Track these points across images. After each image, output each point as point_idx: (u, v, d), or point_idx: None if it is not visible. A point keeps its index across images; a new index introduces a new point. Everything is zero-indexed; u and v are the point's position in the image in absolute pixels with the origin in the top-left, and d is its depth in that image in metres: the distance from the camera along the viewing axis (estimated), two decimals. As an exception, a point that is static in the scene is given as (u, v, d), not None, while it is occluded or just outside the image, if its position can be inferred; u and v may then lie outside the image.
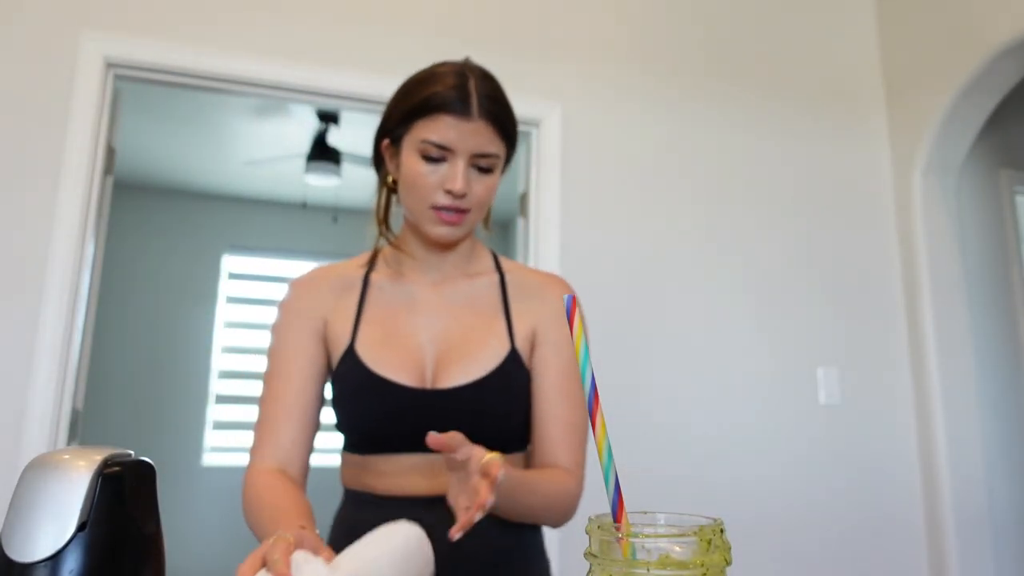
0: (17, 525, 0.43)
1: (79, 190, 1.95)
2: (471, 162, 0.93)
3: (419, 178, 0.93)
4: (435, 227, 0.95)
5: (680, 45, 2.60)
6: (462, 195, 0.92)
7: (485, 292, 1.01)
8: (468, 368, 0.93)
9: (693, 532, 0.36)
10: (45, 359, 1.86)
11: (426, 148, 0.92)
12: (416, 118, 0.92)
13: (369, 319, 0.98)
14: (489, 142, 0.93)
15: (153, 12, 2.11)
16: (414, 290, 1.01)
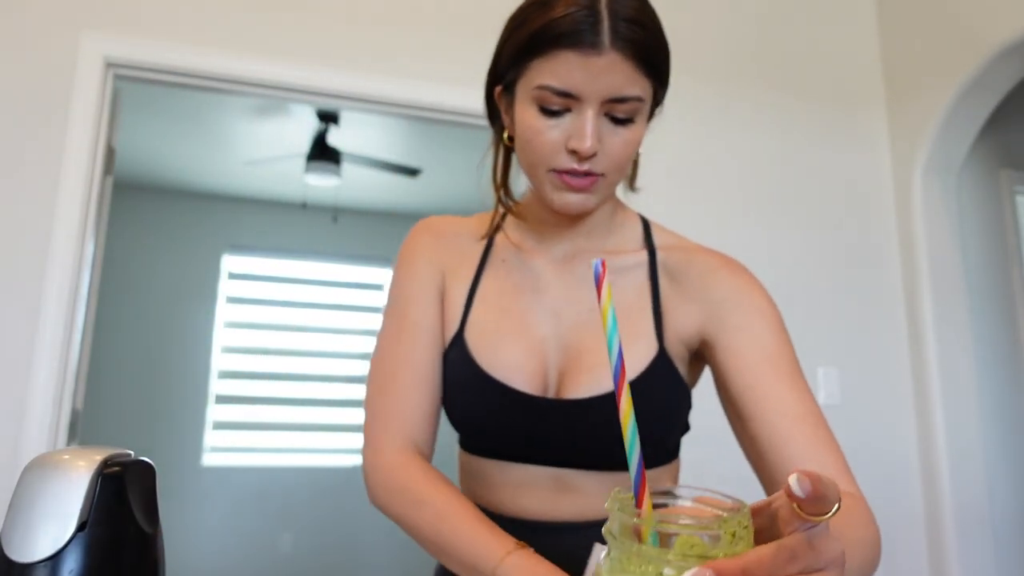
0: (17, 525, 0.43)
1: (79, 190, 1.95)
2: (603, 110, 0.70)
3: (536, 135, 0.71)
4: (559, 195, 0.74)
5: (680, 46, 2.59)
6: (591, 155, 0.71)
7: (629, 276, 0.80)
8: (602, 375, 0.73)
9: (717, 525, 0.35)
10: (45, 359, 1.86)
11: (544, 96, 0.70)
12: (530, 57, 0.70)
13: (484, 296, 0.81)
14: (628, 82, 0.69)
15: (153, 12, 2.11)
16: (540, 266, 0.82)
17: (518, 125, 0.75)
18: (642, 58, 0.69)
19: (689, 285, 0.79)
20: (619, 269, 0.81)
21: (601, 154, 0.71)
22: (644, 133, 0.76)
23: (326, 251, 5.09)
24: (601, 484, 0.76)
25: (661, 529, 0.36)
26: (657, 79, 0.74)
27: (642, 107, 0.73)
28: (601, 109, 0.70)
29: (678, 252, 0.82)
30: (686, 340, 0.78)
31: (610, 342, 0.41)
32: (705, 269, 0.79)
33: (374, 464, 0.77)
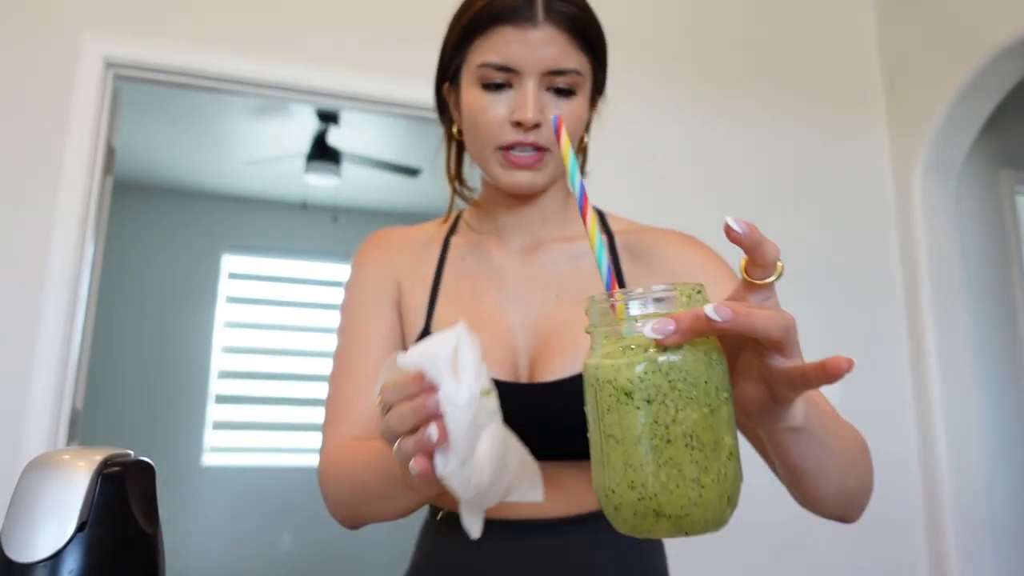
0: (17, 525, 0.43)
1: (79, 190, 1.95)
2: (544, 84, 0.73)
3: (481, 113, 0.73)
4: (507, 174, 0.75)
5: (679, 46, 2.60)
6: (534, 125, 0.72)
7: (589, 260, 0.80)
8: (574, 357, 0.73)
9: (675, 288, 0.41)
10: (45, 359, 1.86)
11: (485, 74, 0.73)
12: (470, 40, 0.74)
13: (448, 293, 0.80)
14: (564, 54, 0.73)
15: (153, 12, 2.11)
16: (501, 260, 0.82)
17: (464, 108, 0.76)
18: (576, 31, 0.74)
19: (651, 261, 0.81)
20: (580, 255, 0.82)
21: (545, 127, 0.73)
22: (587, 112, 0.78)
23: (326, 251, 5.09)
24: (580, 477, 0.74)
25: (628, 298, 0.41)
26: (593, 55, 0.78)
27: (581, 81, 0.76)
28: (542, 82, 0.73)
29: (635, 234, 0.85)
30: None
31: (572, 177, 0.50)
32: (664, 244, 0.82)
33: (323, 462, 0.75)
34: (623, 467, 0.39)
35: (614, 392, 0.40)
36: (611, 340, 0.41)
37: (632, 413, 0.39)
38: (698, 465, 0.39)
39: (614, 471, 0.40)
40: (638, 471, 0.39)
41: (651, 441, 0.39)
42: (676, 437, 0.39)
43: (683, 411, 0.39)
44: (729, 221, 0.41)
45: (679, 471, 0.39)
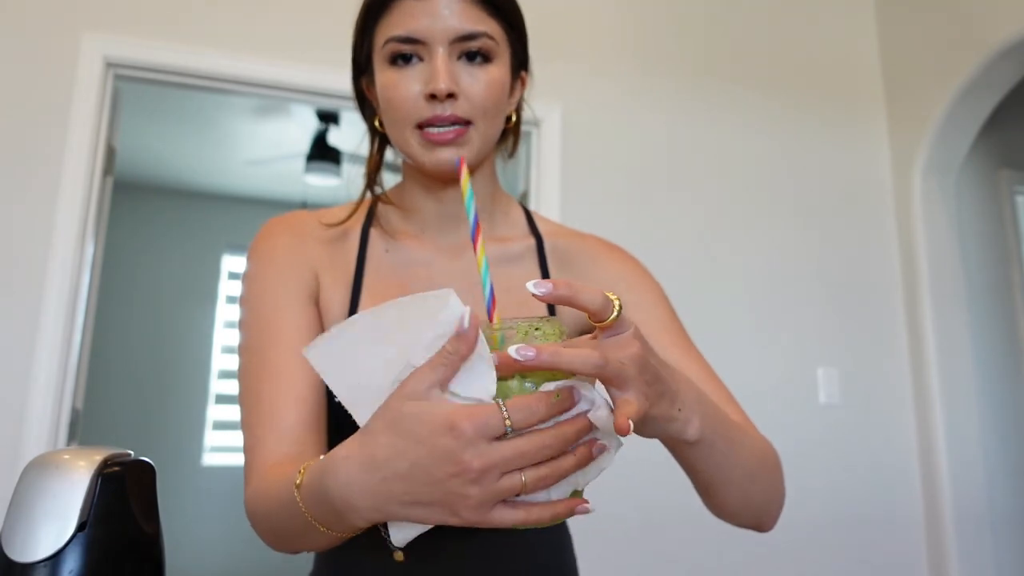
0: (17, 525, 0.43)
1: (79, 190, 1.95)
2: (455, 51, 0.69)
3: (393, 90, 0.69)
4: (428, 153, 0.70)
5: (680, 45, 2.60)
6: (448, 93, 0.67)
7: (520, 263, 0.79)
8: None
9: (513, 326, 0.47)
10: (45, 359, 1.86)
11: (392, 48, 0.69)
12: (374, 21, 0.72)
13: (371, 290, 0.75)
14: (469, 18, 0.69)
15: (153, 12, 2.11)
16: (427, 257, 0.78)
17: (379, 91, 0.72)
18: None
19: (579, 268, 0.80)
20: (509, 257, 0.79)
21: (462, 98, 0.69)
22: (506, 79, 0.73)
23: (326, 251, 5.08)
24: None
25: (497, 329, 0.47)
26: (505, 21, 0.73)
27: (495, 47, 0.71)
28: (452, 51, 0.69)
29: (563, 238, 0.83)
30: (581, 323, 0.78)
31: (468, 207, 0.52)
32: (594, 253, 0.81)
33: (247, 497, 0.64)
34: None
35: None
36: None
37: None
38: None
39: None
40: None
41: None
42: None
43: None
44: (530, 287, 0.44)
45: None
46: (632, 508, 2.17)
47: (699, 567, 2.25)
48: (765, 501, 0.65)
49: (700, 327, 2.40)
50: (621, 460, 0.94)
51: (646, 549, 2.20)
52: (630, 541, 2.18)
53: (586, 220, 2.34)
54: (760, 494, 0.64)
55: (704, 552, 2.24)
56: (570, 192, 2.34)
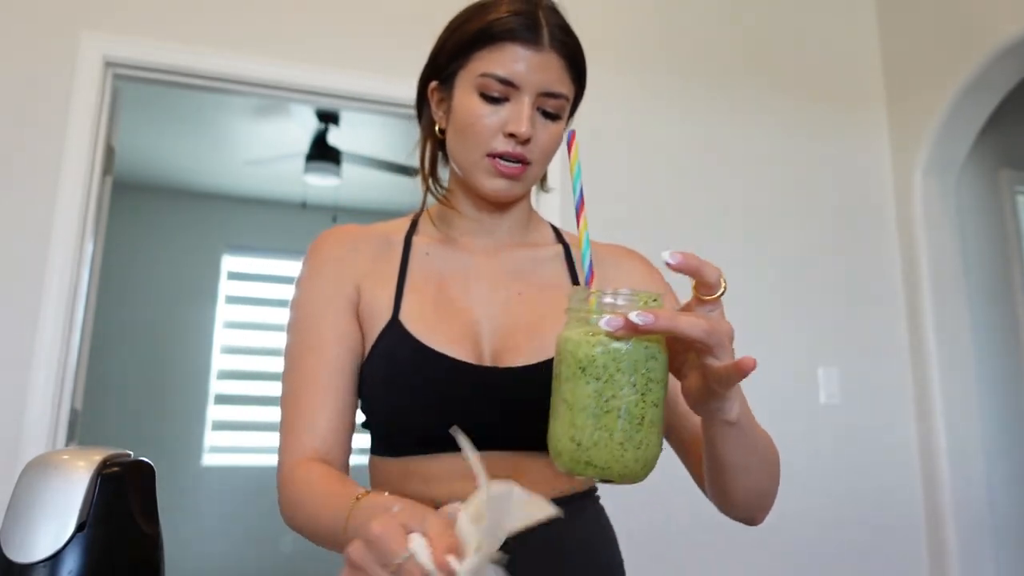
0: (16, 525, 0.43)
1: (78, 190, 1.95)
2: (537, 104, 0.78)
3: (477, 120, 0.78)
4: (491, 180, 0.80)
5: (680, 46, 2.60)
6: (526, 140, 0.78)
7: (549, 264, 0.88)
8: (539, 346, 0.78)
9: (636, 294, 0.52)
10: (44, 359, 1.86)
11: (487, 83, 0.77)
12: (475, 48, 0.79)
13: (414, 287, 0.82)
14: (559, 80, 0.79)
15: (153, 12, 2.11)
16: (466, 257, 0.86)
17: (458, 112, 0.80)
18: (572, 61, 0.80)
19: (605, 272, 0.87)
20: (541, 259, 0.88)
21: (532, 143, 0.79)
22: (563, 133, 0.82)
23: (326, 251, 5.08)
24: (544, 468, 0.76)
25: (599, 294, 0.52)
26: (579, 84, 0.83)
27: (565, 107, 0.81)
28: (535, 102, 0.78)
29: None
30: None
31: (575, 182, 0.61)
32: (618, 258, 0.90)
33: (280, 479, 0.75)
34: (568, 425, 0.51)
35: (573, 364, 0.51)
36: (580, 323, 0.53)
37: (583, 385, 0.51)
38: (624, 433, 0.51)
39: (561, 426, 0.52)
40: (579, 430, 0.51)
41: (592, 410, 0.51)
42: (611, 409, 0.51)
43: (621, 391, 0.51)
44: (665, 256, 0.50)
45: (609, 435, 0.51)
46: (631, 507, 2.17)
47: (700, 566, 2.25)
48: (767, 491, 0.72)
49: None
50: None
51: (645, 550, 2.20)
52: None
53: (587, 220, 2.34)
54: (766, 482, 0.71)
55: (705, 551, 2.24)
56: (569, 192, 2.34)
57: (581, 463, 0.52)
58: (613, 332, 0.50)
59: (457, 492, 0.74)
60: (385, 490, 0.78)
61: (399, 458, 0.79)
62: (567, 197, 2.48)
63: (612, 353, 0.50)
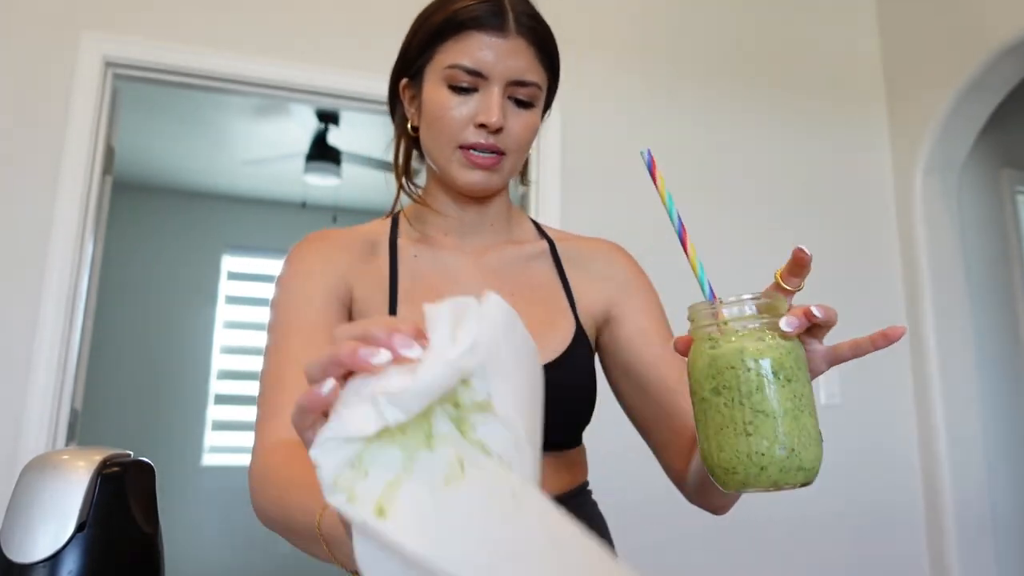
0: (16, 525, 0.43)
1: (78, 190, 1.94)
2: (507, 92, 0.77)
3: (446, 112, 0.76)
4: (466, 173, 0.78)
5: (680, 45, 2.59)
6: (497, 129, 0.76)
7: (536, 262, 0.87)
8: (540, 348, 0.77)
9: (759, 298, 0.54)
10: (44, 359, 1.86)
11: (454, 75, 0.76)
12: (441, 40, 0.77)
13: (406, 294, 0.80)
14: (529, 67, 0.77)
15: (153, 12, 2.11)
16: (453, 258, 0.85)
17: (427, 106, 0.79)
18: (541, 47, 0.79)
19: (591, 269, 0.88)
20: (528, 256, 0.87)
21: (505, 133, 0.77)
22: (539, 123, 0.81)
23: (326, 251, 5.08)
24: (545, 468, 0.75)
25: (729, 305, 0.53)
26: (551, 71, 0.82)
27: (539, 95, 0.80)
28: (505, 91, 0.77)
29: (571, 241, 0.91)
30: (595, 317, 0.86)
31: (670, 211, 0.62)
32: (604, 254, 0.91)
33: (255, 461, 0.65)
34: (773, 434, 0.50)
35: (763, 373, 0.51)
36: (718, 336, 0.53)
37: (780, 390, 0.50)
38: (815, 427, 0.52)
39: (764, 439, 0.50)
40: (788, 436, 0.50)
41: (792, 412, 0.50)
42: (804, 407, 0.51)
43: (805, 387, 0.52)
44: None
45: (808, 433, 0.51)
46: (628, 504, 2.17)
47: (700, 566, 2.25)
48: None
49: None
50: (625, 451, 0.93)
51: (640, 544, 2.19)
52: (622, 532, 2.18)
53: (586, 219, 2.34)
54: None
55: (705, 551, 2.24)
56: (569, 191, 2.34)
57: (792, 470, 0.50)
58: (792, 332, 0.52)
59: None
60: None
61: None
62: (567, 191, 2.47)
63: (793, 352, 0.52)
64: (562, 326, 0.82)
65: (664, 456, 0.84)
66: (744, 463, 0.51)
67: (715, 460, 0.52)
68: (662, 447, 0.84)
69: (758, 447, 0.50)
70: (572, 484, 0.81)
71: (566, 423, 0.78)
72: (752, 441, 0.50)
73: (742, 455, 0.51)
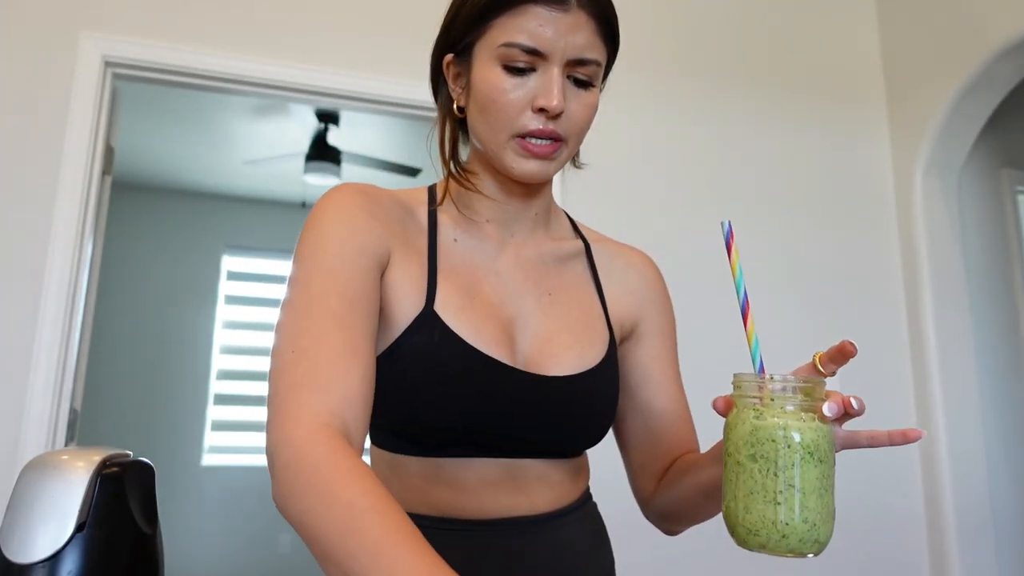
0: (15, 526, 0.42)
1: (77, 190, 1.94)
2: (567, 71, 0.69)
3: (501, 96, 0.69)
4: (521, 162, 0.71)
5: (679, 45, 2.59)
6: (558, 114, 0.69)
7: (572, 263, 0.83)
8: (577, 356, 0.75)
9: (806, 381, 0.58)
10: (43, 359, 1.86)
11: (509, 54, 0.68)
12: (494, 14, 0.69)
13: (446, 275, 0.74)
14: (590, 43, 0.69)
15: (152, 11, 2.10)
16: (492, 248, 0.79)
17: (479, 86, 0.71)
18: (604, 21, 0.71)
19: (623, 278, 0.86)
20: (565, 256, 0.83)
21: (565, 117, 0.70)
22: (598, 102, 0.74)
23: (326, 251, 5.07)
24: (564, 478, 0.77)
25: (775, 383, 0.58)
26: (612, 46, 0.74)
27: (598, 73, 0.72)
28: (565, 70, 0.69)
29: (606, 245, 0.89)
30: (623, 327, 0.84)
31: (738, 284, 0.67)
32: (636, 265, 0.88)
33: (284, 438, 0.56)
34: (800, 508, 0.55)
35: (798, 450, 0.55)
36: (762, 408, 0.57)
37: (811, 468, 0.55)
38: (833, 505, 0.57)
39: (791, 510, 0.55)
40: (812, 511, 0.55)
41: (818, 490, 0.55)
42: (829, 487, 0.56)
43: (832, 467, 0.56)
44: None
45: (828, 510, 0.56)
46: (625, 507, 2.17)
47: (700, 566, 2.25)
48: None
49: (700, 326, 2.40)
50: (615, 467, 0.93)
51: (634, 549, 2.19)
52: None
53: (584, 219, 2.34)
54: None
55: (705, 551, 2.24)
56: (569, 191, 2.34)
57: (810, 542, 0.55)
58: (831, 417, 0.57)
59: (487, 505, 0.71)
60: (404, 491, 0.72)
61: (425, 458, 0.71)
62: (567, 191, 2.47)
63: (828, 436, 0.57)
64: (599, 332, 0.80)
65: (638, 475, 0.87)
66: (768, 528, 0.56)
67: (739, 519, 0.57)
68: (639, 466, 0.86)
69: (785, 517, 0.55)
70: (583, 490, 0.82)
71: (595, 432, 0.77)
72: (780, 510, 0.55)
73: (767, 521, 0.55)
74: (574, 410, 0.74)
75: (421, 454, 0.71)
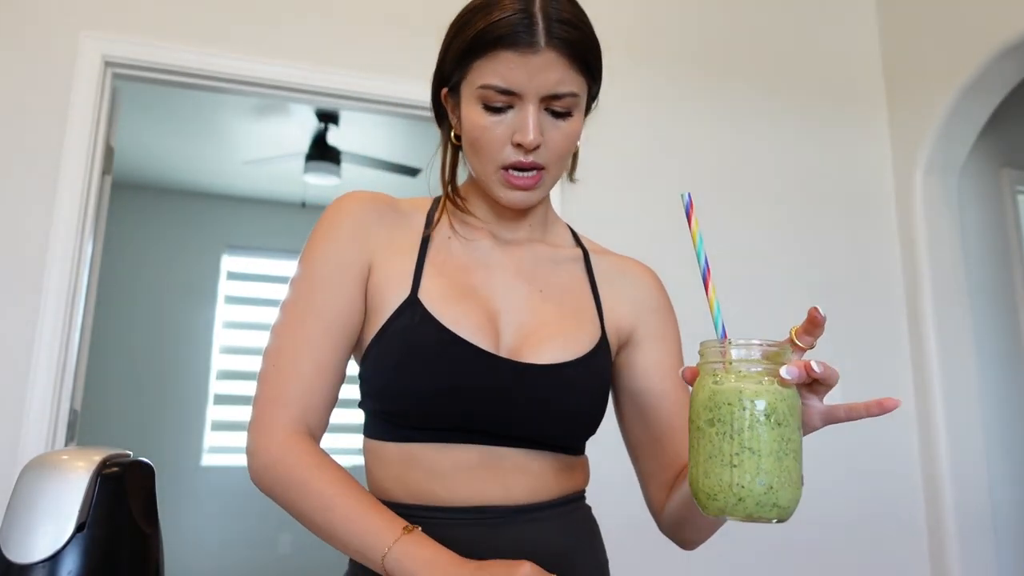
0: (15, 526, 0.42)
1: (78, 189, 1.94)
2: (543, 105, 0.75)
3: (483, 133, 0.75)
4: (507, 192, 0.78)
5: (679, 44, 2.59)
6: (535, 147, 0.75)
7: (568, 266, 0.87)
8: (561, 346, 0.78)
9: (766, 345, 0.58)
10: (43, 359, 1.86)
11: (486, 95, 0.74)
12: (472, 58, 0.75)
13: (434, 264, 0.80)
14: (563, 79, 0.74)
15: (152, 11, 2.10)
16: (486, 247, 0.84)
17: (465, 124, 0.78)
18: (576, 56, 0.75)
19: (622, 287, 0.88)
20: (562, 260, 0.87)
21: (544, 147, 0.76)
22: (581, 127, 0.80)
23: (326, 251, 5.08)
24: (547, 468, 0.78)
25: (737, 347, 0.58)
26: (590, 75, 0.79)
27: (578, 102, 0.77)
28: (541, 104, 0.75)
29: (606, 255, 0.92)
30: (620, 334, 0.86)
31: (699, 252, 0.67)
32: (635, 275, 0.91)
33: (262, 445, 0.72)
34: (755, 470, 0.55)
35: (756, 413, 0.55)
36: (722, 373, 0.57)
37: (768, 431, 0.55)
38: (798, 471, 0.58)
39: (746, 473, 0.55)
40: (768, 474, 0.55)
41: (777, 453, 0.56)
42: (789, 451, 0.57)
43: (793, 433, 0.57)
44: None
45: (788, 475, 0.57)
46: (631, 508, 2.17)
47: (700, 566, 2.25)
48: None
49: (699, 327, 2.39)
50: (620, 469, 0.93)
51: (630, 549, 2.19)
52: (620, 540, 2.18)
53: (583, 220, 2.34)
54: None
55: (705, 551, 2.24)
56: (568, 191, 2.34)
57: (768, 506, 0.56)
58: (790, 381, 0.57)
59: (460, 490, 0.74)
60: (385, 478, 0.78)
61: (401, 443, 0.76)
62: (567, 191, 2.47)
63: (788, 400, 0.57)
64: (588, 328, 0.82)
65: (649, 485, 0.88)
66: (725, 492, 0.56)
67: (700, 485, 0.57)
68: (648, 476, 0.87)
69: (740, 479, 0.55)
70: (572, 489, 0.82)
71: (575, 425, 0.79)
72: (735, 473, 0.55)
73: (724, 484, 0.55)
74: (551, 398, 0.76)
75: (401, 440, 0.76)
